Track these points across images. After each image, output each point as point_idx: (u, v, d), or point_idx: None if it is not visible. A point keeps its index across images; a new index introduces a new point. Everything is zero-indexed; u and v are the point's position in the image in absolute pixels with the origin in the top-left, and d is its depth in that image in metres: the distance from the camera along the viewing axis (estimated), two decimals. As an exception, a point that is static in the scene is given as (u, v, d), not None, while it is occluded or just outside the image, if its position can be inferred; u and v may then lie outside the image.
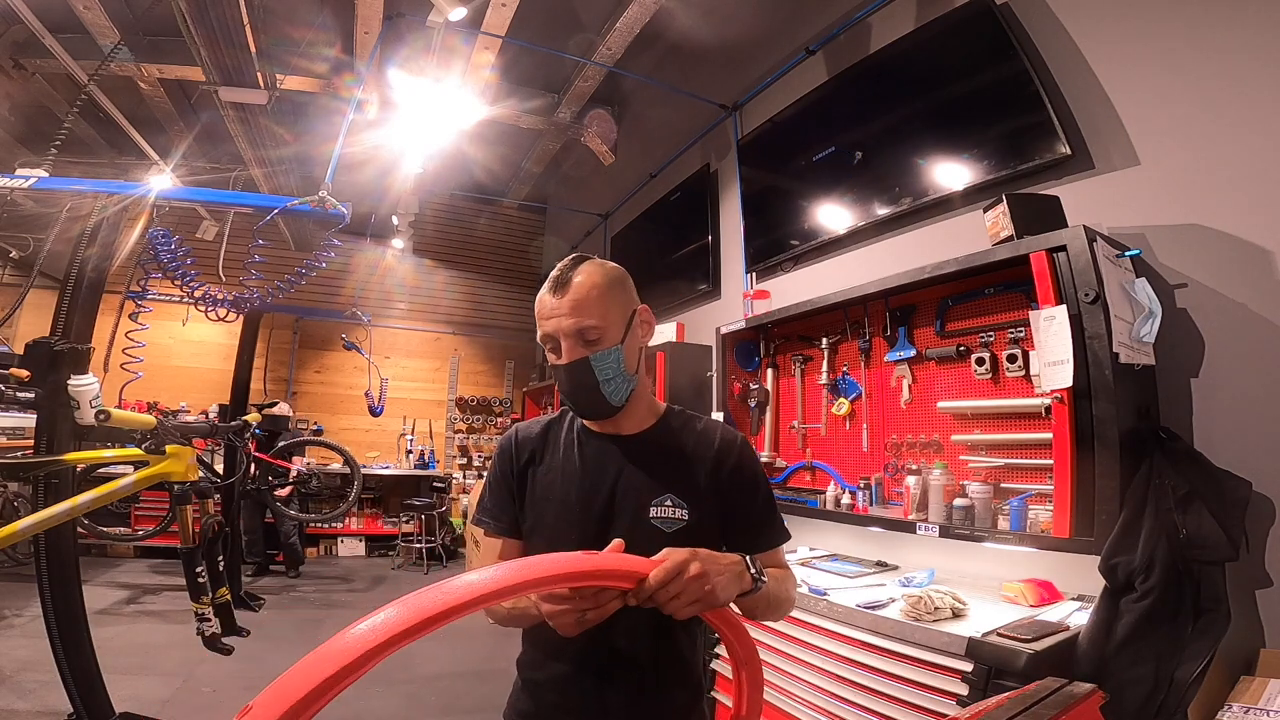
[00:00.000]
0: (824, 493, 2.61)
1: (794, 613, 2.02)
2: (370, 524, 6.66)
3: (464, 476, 7.20)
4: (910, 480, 2.21)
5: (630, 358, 1.01)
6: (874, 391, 2.60)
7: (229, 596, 2.66)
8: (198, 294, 3.46)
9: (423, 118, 4.08)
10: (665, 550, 0.76)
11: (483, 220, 7.80)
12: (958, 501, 2.01)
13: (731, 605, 0.84)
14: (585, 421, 1.07)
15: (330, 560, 6.31)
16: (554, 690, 1.01)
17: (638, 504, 1.00)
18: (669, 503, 0.99)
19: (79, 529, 2.55)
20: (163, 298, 5.15)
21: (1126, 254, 1.74)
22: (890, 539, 2.39)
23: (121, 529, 5.14)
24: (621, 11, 3.67)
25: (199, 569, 2.45)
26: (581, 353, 0.97)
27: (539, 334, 1.01)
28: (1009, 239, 1.88)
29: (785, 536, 1.08)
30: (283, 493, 4.99)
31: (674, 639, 1.03)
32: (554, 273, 1.00)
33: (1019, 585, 1.84)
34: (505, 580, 0.63)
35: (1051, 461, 1.74)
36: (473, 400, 7.60)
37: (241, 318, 4.06)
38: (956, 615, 1.72)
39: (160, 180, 3.34)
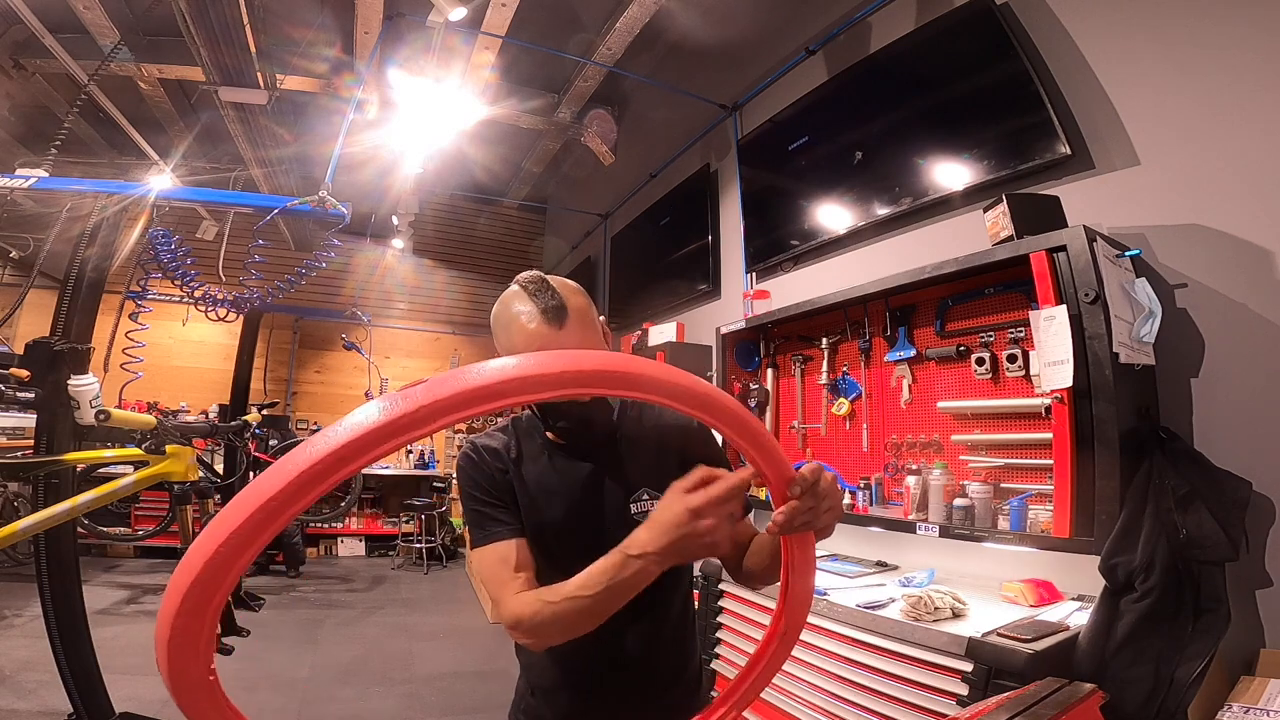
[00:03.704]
0: (824, 493, 2.61)
1: (794, 613, 2.02)
2: (370, 524, 6.66)
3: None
4: (910, 480, 2.21)
5: None
6: (874, 391, 2.60)
7: (229, 596, 2.66)
8: (198, 294, 3.46)
9: (423, 118, 4.08)
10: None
11: (483, 220, 7.80)
12: (958, 501, 2.01)
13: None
14: (551, 434, 1.05)
15: (330, 560, 6.31)
16: (563, 693, 1.01)
17: (619, 504, 1.00)
18: (645, 497, 1.01)
19: (79, 529, 2.55)
20: (163, 298, 5.15)
21: (1126, 254, 1.74)
22: (890, 539, 2.39)
23: (121, 529, 5.15)
24: (621, 11, 3.67)
25: (199, 569, 2.45)
26: None
27: None
28: (1009, 239, 1.88)
29: (750, 508, 1.09)
30: None
31: (677, 637, 1.04)
32: (535, 299, 0.93)
33: (1019, 585, 1.84)
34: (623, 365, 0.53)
35: (1051, 461, 1.74)
36: (473, 400, 7.60)
37: (241, 318, 4.06)
38: (956, 615, 1.72)
39: (160, 180, 3.34)
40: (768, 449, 0.66)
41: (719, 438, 1.00)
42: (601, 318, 1.03)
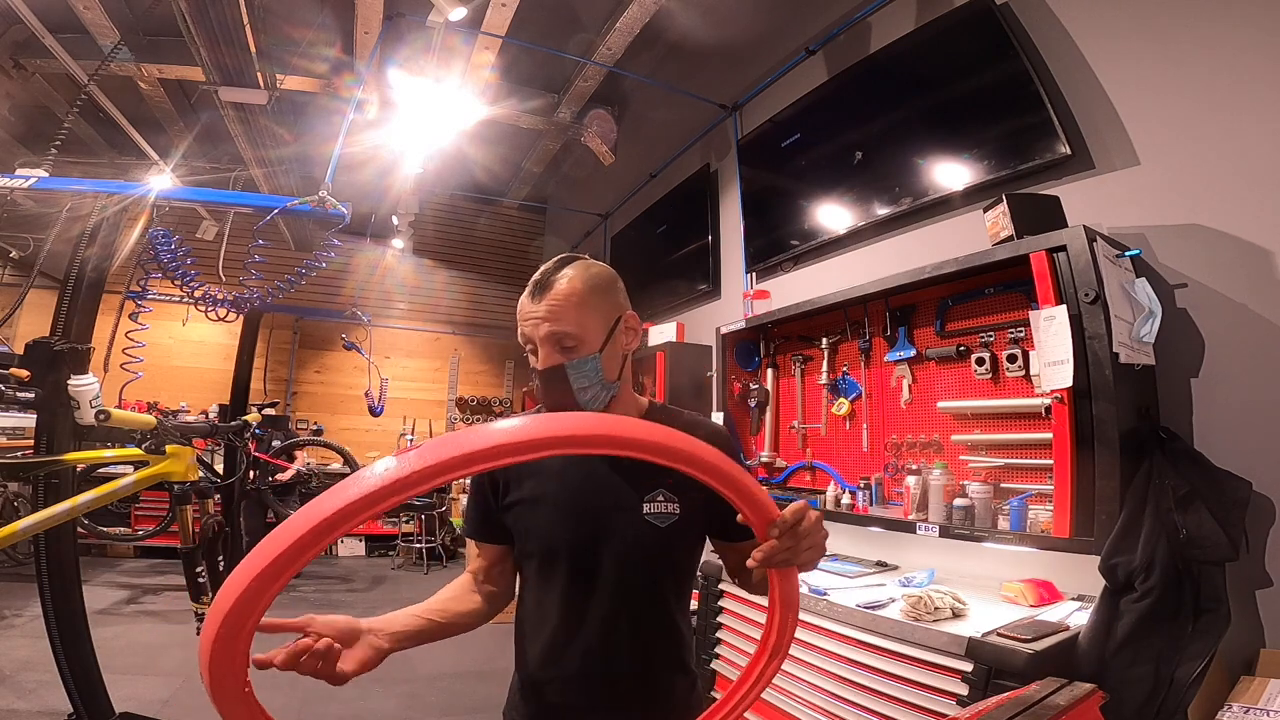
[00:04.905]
0: (824, 493, 2.61)
1: (794, 613, 2.02)
2: (370, 524, 6.65)
3: (464, 477, 7.19)
4: (910, 480, 2.21)
5: (610, 366, 0.99)
6: (874, 391, 2.60)
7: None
8: (198, 294, 3.45)
9: (423, 118, 4.08)
10: None
11: (483, 220, 7.80)
12: (958, 501, 2.01)
13: None
14: None
15: (330, 560, 6.31)
16: (556, 692, 1.01)
17: (631, 502, 0.99)
18: (661, 498, 1.00)
19: (79, 529, 2.55)
20: (163, 298, 5.14)
21: (1126, 254, 1.74)
22: (890, 539, 2.39)
23: (121, 529, 5.15)
24: (621, 11, 3.67)
25: (199, 569, 2.45)
26: (557, 359, 0.96)
27: (519, 334, 1.00)
28: (1009, 239, 1.88)
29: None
30: (283, 477, 5.00)
31: (667, 632, 1.04)
32: (537, 274, 0.99)
33: (1019, 585, 1.84)
34: (605, 429, 0.61)
35: (1051, 461, 1.74)
36: (473, 400, 7.60)
37: (241, 318, 4.05)
38: (956, 615, 1.72)
39: (160, 180, 3.34)
40: (746, 492, 0.71)
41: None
42: (630, 313, 1.04)
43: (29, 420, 3.10)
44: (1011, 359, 2.04)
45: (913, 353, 2.40)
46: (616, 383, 1.02)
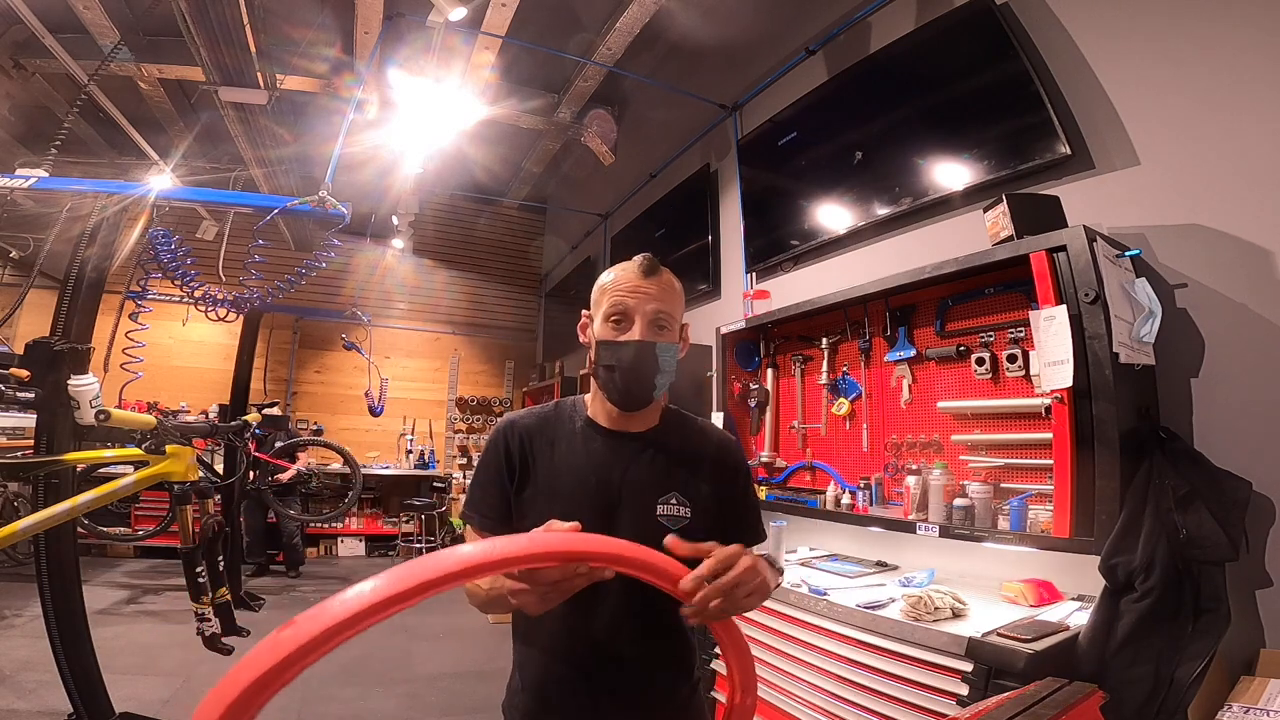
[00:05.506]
0: (824, 493, 2.61)
1: (794, 613, 2.03)
2: (370, 524, 6.66)
3: (464, 476, 7.20)
4: (910, 480, 2.21)
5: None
6: (874, 391, 2.60)
7: (229, 596, 2.66)
8: (198, 294, 3.46)
9: (423, 118, 4.08)
10: (707, 545, 0.75)
11: (483, 220, 7.81)
12: (958, 501, 2.00)
13: None
14: (594, 416, 1.08)
15: (330, 560, 6.31)
16: (555, 690, 1.01)
17: (644, 501, 1.00)
18: (674, 501, 1.01)
19: (79, 529, 2.55)
20: (163, 298, 5.14)
21: (1126, 254, 1.74)
22: (890, 539, 2.39)
23: (121, 529, 5.14)
24: (621, 11, 3.67)
25: (199, 569, 2.45)
26: (654, 337, 1.00)
27: (607, 305, 1.02)
28: (1009, 239, 1.88)
29: (763, 538, 1.12)
30: (284, 477, 5.00)
31: (671, 634, 1.04)
32: (639, 259, 1.04)
33: (1019, 585, 1.84)
34: (523, 550, 0.61)
35: (1051, 461, 1.74)
36: (473, 400, 7.61)
37: (241, 318, 4.06)
38: (956, 615, 1.72)
39: (160, 180, 3.33)
40: (645, 565, 0.69)
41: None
42: (687, 326, 1.10)
43: (29, 420, 3.11)
44: (1011, 359, 2.04)
45: (913, 353, 2.40)
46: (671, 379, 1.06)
